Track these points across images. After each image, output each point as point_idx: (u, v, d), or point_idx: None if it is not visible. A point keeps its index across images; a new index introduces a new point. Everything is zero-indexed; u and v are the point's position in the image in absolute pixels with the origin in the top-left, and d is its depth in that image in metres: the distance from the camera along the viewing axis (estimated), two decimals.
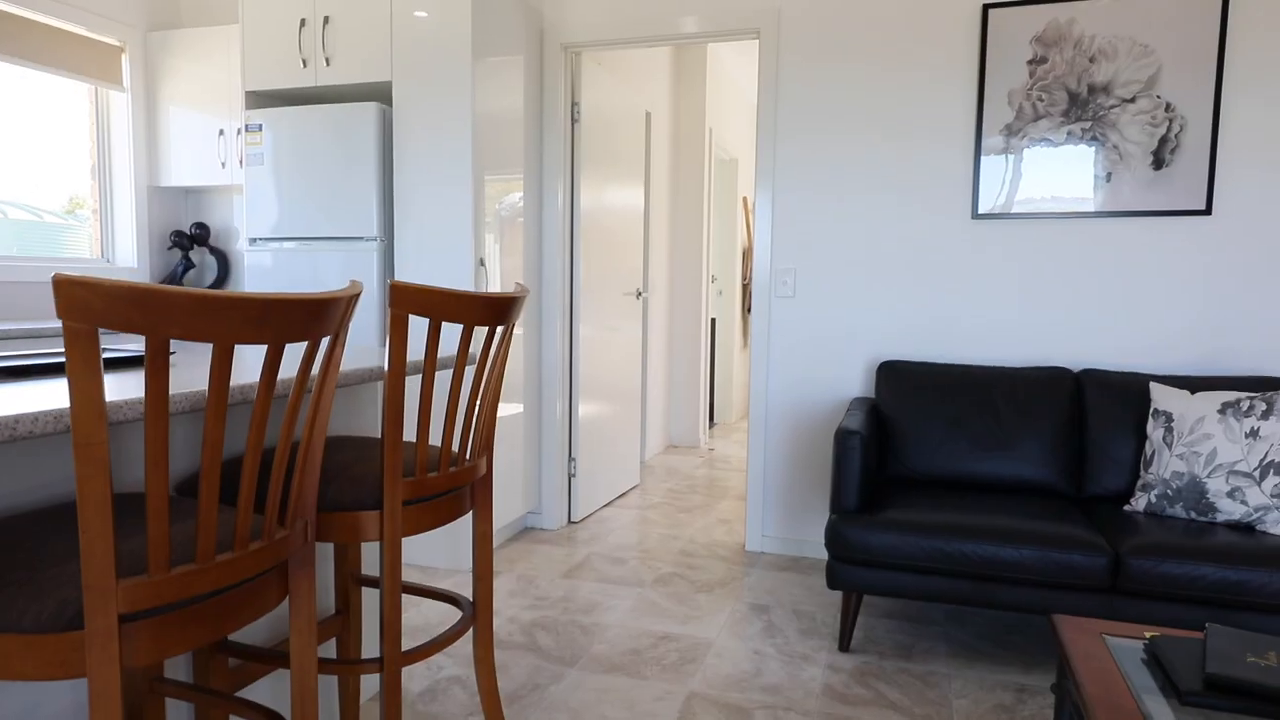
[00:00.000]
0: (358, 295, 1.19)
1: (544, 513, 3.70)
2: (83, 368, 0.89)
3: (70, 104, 3.76)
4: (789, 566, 3.23)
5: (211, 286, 4.01)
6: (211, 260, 4.10)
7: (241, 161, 3.71)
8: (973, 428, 2.78)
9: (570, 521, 3.78)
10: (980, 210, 3.07)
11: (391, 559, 1.49)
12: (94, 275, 0.88)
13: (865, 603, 2.87)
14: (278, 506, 1.17)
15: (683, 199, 5.53)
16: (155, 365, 0.94)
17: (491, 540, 1.80)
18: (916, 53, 3.11)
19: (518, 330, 3.38)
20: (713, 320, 6.38)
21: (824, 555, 3.34)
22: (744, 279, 6.78)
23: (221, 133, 3.78)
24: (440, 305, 1.44)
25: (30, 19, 3.42)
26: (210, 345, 1.79)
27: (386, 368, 1.45)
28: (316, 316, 1.09)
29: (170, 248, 4.03)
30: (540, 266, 3.61)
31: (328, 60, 3.17)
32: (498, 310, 1.55)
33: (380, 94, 3.31)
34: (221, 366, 0.99)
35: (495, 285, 3.19)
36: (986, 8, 3.01)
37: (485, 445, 1.71)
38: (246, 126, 3.23)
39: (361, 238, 3.12)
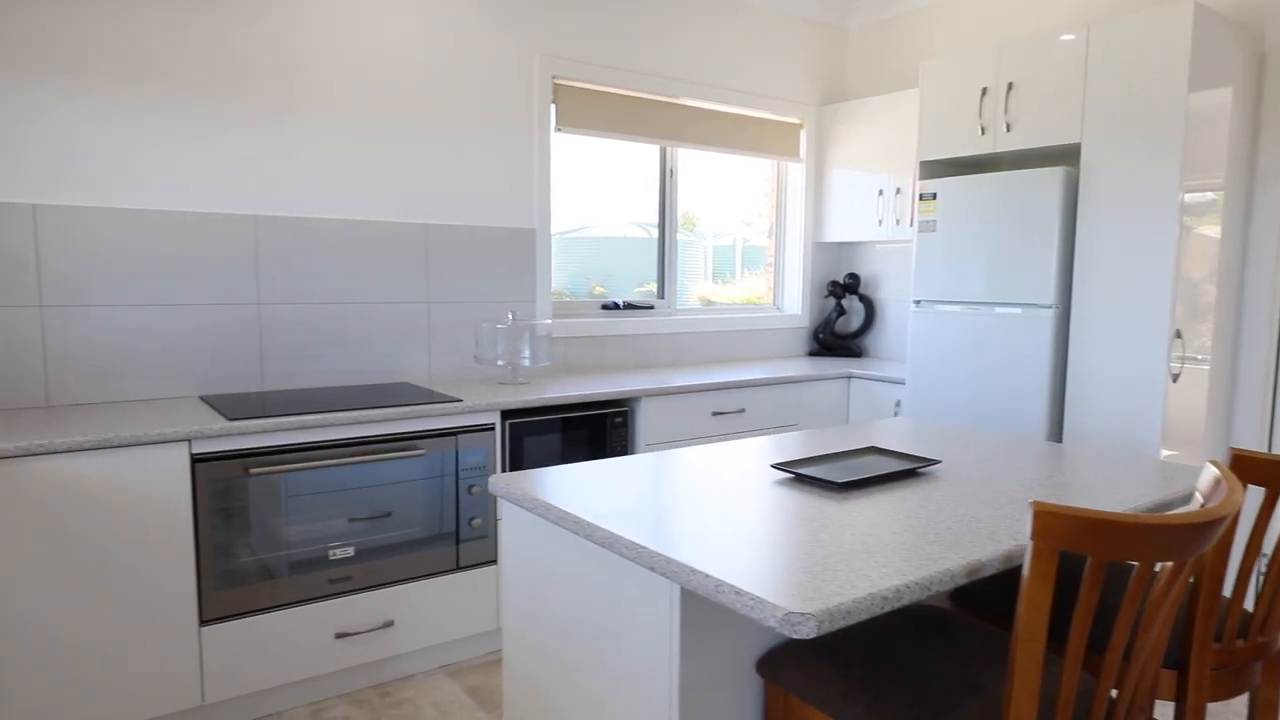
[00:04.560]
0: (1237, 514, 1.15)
1: None
2: (1039, 581, 1.03)
3: (754, 172, 4.48)
4: None
5: (858, 331, 4.40)
6: (859, 307, 4.50)
7: (904, 222, 3.97)
8: None
9: None
10: None
11: None
12: (771, 323, 1.00)
13: None
14: (1131, 694, 1.21)
15: None
16: (1092, 580, 1.03)
17: (1277, 710, 1.61)
18: None
19: (1204, 365, 2.97)
20: None
21: None
22: None
23: (880, 193, 4.10)
24: None
25: (737, 114, 4.14)
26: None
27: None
28: (1208, 536, 1.08)
29: (826, 296, 4.53)
30: (1238, 336, 3.12)
31: (1008, 126, 3.18)
32: None
33: (1062, 156, 3.21)
34: (1140, 582, 1.05)
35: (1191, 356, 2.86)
36: None
37: None
38: (920, 195, 3.44)
39: (1034, 304, 3.08)
